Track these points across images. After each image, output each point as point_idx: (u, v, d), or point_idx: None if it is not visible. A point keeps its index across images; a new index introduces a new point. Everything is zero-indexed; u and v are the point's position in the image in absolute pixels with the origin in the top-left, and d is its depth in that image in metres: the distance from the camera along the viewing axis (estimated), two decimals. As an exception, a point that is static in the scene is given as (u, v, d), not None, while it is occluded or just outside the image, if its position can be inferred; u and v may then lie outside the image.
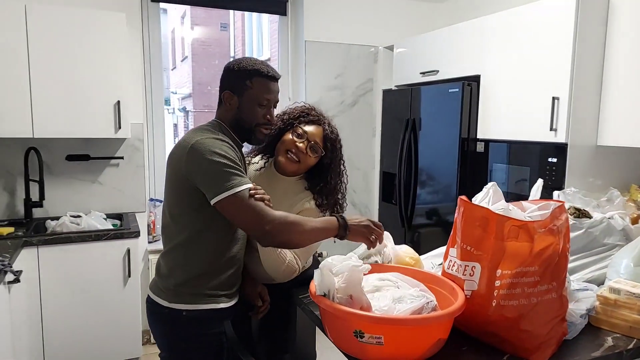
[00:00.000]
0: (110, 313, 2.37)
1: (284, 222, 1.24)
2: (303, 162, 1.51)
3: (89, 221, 2.44)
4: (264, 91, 1.36)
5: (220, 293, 1.37)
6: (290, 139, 1.50)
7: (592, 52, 2.04)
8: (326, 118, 1.59)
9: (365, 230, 1.34)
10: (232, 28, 11.55)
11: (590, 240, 1.53)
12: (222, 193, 1.22)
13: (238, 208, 1.23)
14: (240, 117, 1.38)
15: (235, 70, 1.37)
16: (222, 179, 1.23)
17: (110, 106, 2.45)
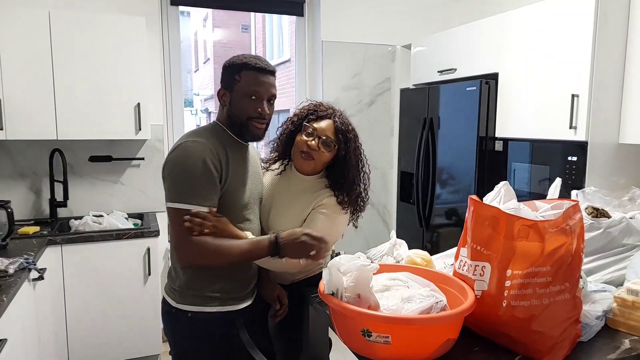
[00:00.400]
0: (131, 310, 2.43)
1: (208, 249, 1.24)
2: (317, 159, 1.50)
3: (110, 220, 2.52)
4: (253, 83, 1.33)
5: (227, 296, 1.37)
6: (301, 139, 1.50)
7: (612, 47, 1.98)
8: (336, 111, 1.55)
9: (299, 247, 1.27)
10: (253, 29, 11.65)
11: (609, 240, 1.49)
12: (173, 202, 1.25)
13: (175, 223, 1.25)
14: (232, 113, 1.36)
15: (226, 67, 1.37)
16: (182, 190, 1.25)
17: (130, 108, 2.52)
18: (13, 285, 1.64)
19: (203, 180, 1.26)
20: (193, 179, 1.25)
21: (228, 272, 1.37)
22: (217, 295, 1.36)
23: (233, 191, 1.35)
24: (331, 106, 1.57)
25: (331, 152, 1.50)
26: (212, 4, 3.20)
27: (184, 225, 1.23)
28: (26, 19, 2.31)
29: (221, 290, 1.37)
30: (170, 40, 2.96)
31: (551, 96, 2.15)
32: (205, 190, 1.26)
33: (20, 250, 2.03)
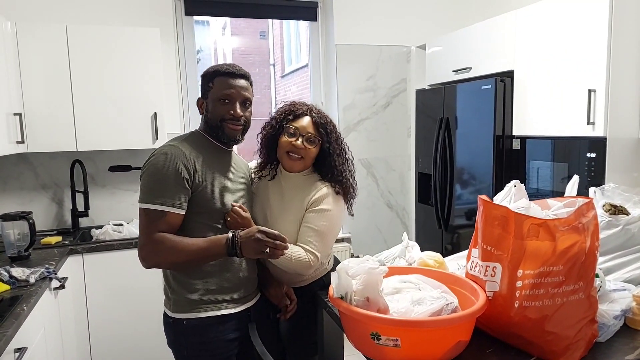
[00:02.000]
0: (152, 318, 2.44)
1: (164, 246, 1.28)
2: (306, 156, 1.54)
3: (130, 229, 2.58)
4: (224, 87, 1.38)
5: (220, 299, 1.38)
6: (285, 140, 1.54)
7: (628, 40, 1.92)
8: (310, 106, 1.60)
9: (255, 244, 1.28)
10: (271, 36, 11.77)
11: (628, 238, 1.44)
12: (142, 202, 1.31)
13: (141, 222, 1.32)
14: (208, 118, 1.42)
15: (202, 77, 1.44)
16: (151, 191, 1.30)
17: (147, 118, 2.59)
18: (34, 294, 1.69)
19: (171, 182, 1.30)
20: (161, 180, 1.29)
21: (213, 272, 1.38)
22: (210, 299, 1.37)
23: (211, 192, 1.38)
24: (305, 103, 1.62)
25: (316, 146, 1.55)
26: (226, 12, 3.25)
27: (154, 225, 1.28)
28: (45, 34, 2.40)
29: (213, 292, 1.38)
30: (185, 50, 3.02)
31: (568, 92, 2.10)
32: (171, 192, 1.30)
33: (42, 260, 2.09)
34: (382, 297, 1.15)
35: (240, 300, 1.44)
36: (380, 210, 3.40)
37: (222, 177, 1.44)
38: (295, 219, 1.52)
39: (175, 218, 1.32)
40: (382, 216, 3.41)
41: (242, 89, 1.41)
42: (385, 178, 3.40)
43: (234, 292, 1.42)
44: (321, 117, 1.57)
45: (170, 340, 1.44)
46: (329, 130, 1.56)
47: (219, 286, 1.39)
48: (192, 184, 1.34)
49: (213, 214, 1.39)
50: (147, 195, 1.31)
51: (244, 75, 1.42)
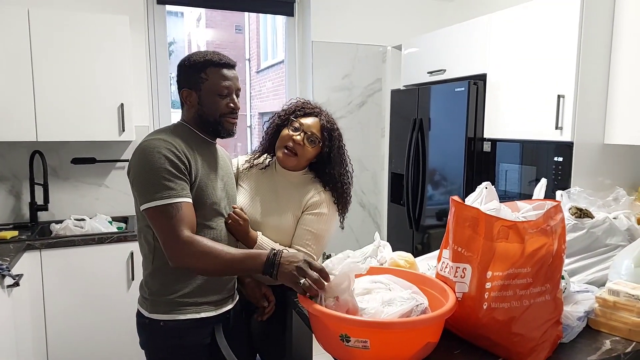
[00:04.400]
0: (114, 316, 2.38)
1: (197, 249, 1.19)
2: (301, 154, 1.51)
3: (92, 224, 2.48)
4: (221, 80, 1.31)
5: (200, 301, 1.33)
6: (286, 133, 1.52)
7: (598, 48, 1.98)
8: (323, 110, 1.58)
9: (295, 271, 1.15)
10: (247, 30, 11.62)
11: (593, 240, 1.48)
12: (148, 202, 1.20)
13: (158, 222, 1.21)
14: (203, 112, 1.33)
15: (187, 66, 1.33)
16: (153, 188, 1.20)
17: (113, 109, 2.49)
18: (-16, 291, 1.59)
19: (170, 174, 1.22)
20: (160, 174, 1.21)
21: (193, 274, 1.32)
22: (190, 301, 1.31)
23: (204, 188, 1.32)
24: (318, 105, 1.60)
25: (315, 148, 1.53)
26: (200, 3, 3.17)
27: (177, 218, 1.19)
28: (4, 16, 2.26)
29: (194, 295, 1.32)
30: (156, 40, 2.93)
31: (538, 97, 2.15)
32: (175, 183, 1.22)
33: (-4, 256, 1.98)
34: (352, 297, 1.13)
35: (220, 302, 1.39)
36: (352, 209, 3.34)
37: (213, 172, 1.37)
38: (292, 216, 1.52)
39: (190, 208, 1.24)
40: (354, 215, 3.41)
41: (236, 79, 1.35)
42: (358, 177, 3.40)
43: (216, 294, 1.37)
44: (330, 122, 1.55)
45: (144, 341, 1.37)
46: (333, 137, 1.53)
47: (202, 288, 1.33)
48: (190, 179, 1.27)
49: (206, 211, 1.32)
50: (152, 193, 1.20)
51: (235, 65, 1.36)
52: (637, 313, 1.17)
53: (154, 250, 1.30)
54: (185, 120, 1.37)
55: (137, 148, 1.26)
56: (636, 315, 1.17)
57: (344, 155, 1.58)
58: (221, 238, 1.37)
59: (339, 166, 1.56)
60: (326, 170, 1.55)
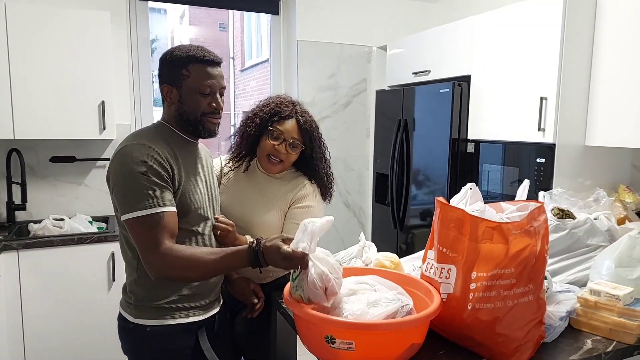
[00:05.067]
0: (95, 318, 2.33)
1: (176, 259, 1.14)
2: (286, 160, 1.54)
3: (72, 224, 2.42)
4: (204, 78, 1.23)
5: (189, 306, 1.29)
6: (268, 143, 1.52)
7: (579, 51, 2.01)
8: (298, 106, 1.57)
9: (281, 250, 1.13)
10: (231, 28, 11.52)
11: (574, 241, 1.50)
12: (129, 212, 1.14)
13: (137, 233, 1.15)
14: (184, 110, 1.26)
15: (168, 61, 1.25)
16: (134, 198, 1.14)
17: (94, 107, 2.43)
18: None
19: (152, 182, 1.16)
20: (141, 182, 1.15)
21: None
22: (179, 306, 1.28)
23: (188, 194, 1.27)
24: (291, 101, 1.59)
25: (298, 152, 1.56)
26: (183, 0, 3.12)
27: (157, 229, 1.13)
28: (-21, 11, 2.19)
29: (183, 299, 1.28)
30: (138, 37, 2.87)
31: (521, 99, 2.17)
32: (157, 192, 1.17)
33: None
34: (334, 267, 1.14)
35: (208, 306, 1.35)
36: (337, 209, 3.40)
37: (195, 174, 1.32)
38: (279, 211, 1.54)
39: (173, 217, 1.19)
40: (339, 215, 3.41)
41: (220, 77, 1.28)
42: (343, 177, 3.40)
43: (204, 298, 1.33)
44: (307, 121, 1.55)
45: (127, 346, 1.32)
46: (313, 136, 1.55)
47: (190, 293, 1.29)
48: (174, 185, 1.22)
49: (191, 217, 1.28)
50: (133, 204, 1.14)
51: (220, 62, 1.28)
52: (617, 313, 1.19)
53: (139, 257, 1.24)
54: (166, 119, 1.31)
55: (117, 154, 1.20)
56: (617, 315, 1.19)
57: (323, 148, 1.61)
58: (210, 243, 1.35)
59: (320, 161, 1.60)
60: (309, 165, 1.58)
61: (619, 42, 1.92)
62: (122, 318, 1.31)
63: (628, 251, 1.30)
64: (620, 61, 1.91)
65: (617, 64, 1.93)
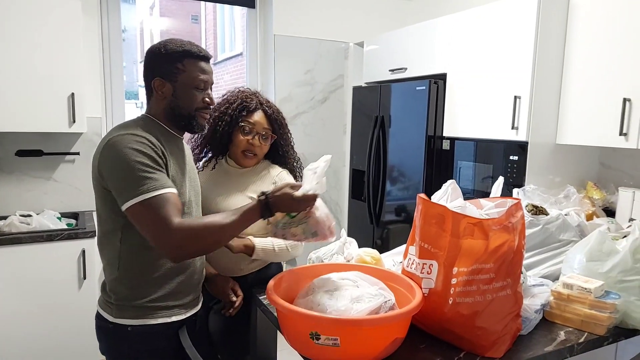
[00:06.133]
0: (65, 317, 2.25)
1: (193, 231, 1.12)
2: (260, 152, 1.60)
3: (40, 221, 2.32)
4: (199, 72, 1.24)
5: (172, 304, 1.27)
6: (242, 139, 1.56)
7: (552, 52, 2.07)
8: (258, 96, 1.63)
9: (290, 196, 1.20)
10: (204, 21, 11.30)
11: (547, 236, 1.56)
12: (132, 199, 1.10)
13: (144, 217, 1.11)
14: (177, 105, 1.25)
15: (163, 54, 1.23)
16: (134, 184, 1.11)
17: (63, 99, 2.33)
18: None
19: (149, 166, 1.13)
20: (138, 167, 1.12)
21: (168, 275, 1.26)
22: (162, 305, 1.25)
23: (177, 188, 1.23)
24: (253, 92, 1.63)
25: (269, 141, 1.61)
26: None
27: (165, 208, 1.10)
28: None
29: (165, 298, 1.25)
30: (110, 28, 2.78)
31: (495, 97, 2.22)
32: (157, 174, 1.14)
33: None
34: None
35: (189, 304, 1.33)
36: (314, 205, 3.40)
37: (182, 170, 1.30)
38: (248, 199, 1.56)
39: (177, 198, 1.16)
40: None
41: (211, 73, 1.30)
42: (320, 173, 3.39)
43: (186, 296, 1.31)
44: (273, 110, 1.61)
45: (106, 347, 1.28)
46: (281, 124, 1.63)
47: (172, 290, 1.26)
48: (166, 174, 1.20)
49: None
50: (134, 189, 1.10)
51: (210, 58, 1.29)
52: (588, 305, 1.24)
53: (121, 254, 1.21)
54: (152, 113, 1.28)
55: (106, 146, 1.16)
56: (588, 307, 1.24)
57: (289, 133, 1.68)
58: None
59: (289, 147, 1.68)
60: (279, 152, 1.66)
61: (589, 43, 1.99)
62: (100, 318, 1.27)
63: (598, 246, 1.35)
64: (590, 62, 1.99)
65: (587, 65, 2.00)
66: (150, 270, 1.23)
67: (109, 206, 1.19)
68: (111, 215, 1.20)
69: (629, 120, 1.82)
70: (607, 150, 2.24)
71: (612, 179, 2.18)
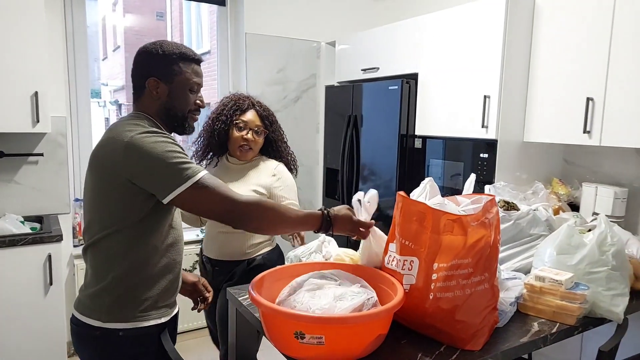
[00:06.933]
0: (31, 324, 2.16)
1: (260, 206, 1.20)
2: (255, 147, 1.80)
3: (2, 225, 2.21)
4: (194, 75, 1.28)
5: (160, 304, 1.25)
6: (237, 136, 1.77)
7: (519, 53, 2.15)
8: (252, 99, 1.85)
9: (352, 222, 1.30)
10: (169, 17, 11.04)
11: (518, 231, 1.61)
12: (180, 186, 1.12)
13: (203, 198, 1.15)
14: (172, 106, 1.27)
15: (160, 55, 1.24)
16: (176, 172, 1.13)
17: (26, 98, 2.23)
18: None
19: (181, 153, 1.17)
20: (175, 155, 1.14)
21: (160, 274, 1.25)
22: (153, 305, 1.23)
23: None
24: (246, 95, 1.86)
25: (262, 137, 1.82)
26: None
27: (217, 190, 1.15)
28: None
29: (155, 298, 1.24)
30: (75, 24, 2.68)
31: (466, 97, 2.28)
32: (190, 159, 1.18)
33: None
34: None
35: (173, 303, 1.33)
36: (287, 205, 3.39)
37: None
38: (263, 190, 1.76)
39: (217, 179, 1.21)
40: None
41: (202, 76, 1.34)
42: (295, 172, 3.39)
43: (172, 294, 1.31)
44: (263, 109, 1.84)
45: (91, 354, 1.23)
46: (272, 121, 1.84)
47: (162, 290, 1.25)
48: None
49: (173, 212, 1.28)
50: (178, 177, 1.13)
51: (202, 61, 1.33)
52: (559, 296, 1.30)
53: (115, 256, 1.18)
54: (146, 111, 1.26)
55: (129, 146, 1.13)
56: (559, 299, 1.30)
57: (281, 129, 1.90)
58: (181, 237, 1.34)
59: (282, 141, 1.89)
60: (273, 147, 1.86)
61: (554, 45, 2.07)
62: (83, 325, 1.21)
63: (567, 239, 1.41)
64: (554, 63, 2.07)
65: (552, 65, 2.09)
66: (146, 269, 1.22)
67: (123, 206, 1.17)
68: (122, 215, 1.17)
69: (592, 119, 1.91)
70: (570, 148, 2.35)
71: (576, 175, 2.29)
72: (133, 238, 1.19)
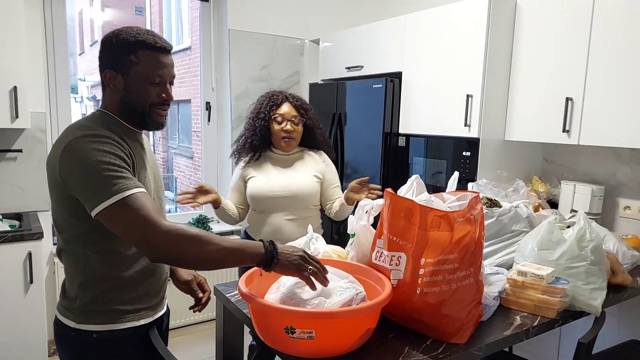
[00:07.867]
0: (11, 323, 2.11)
1: (180, 235, 1.02)
2: (296, 136, 1.95)
3: (-20, 223, 2.16)
4: (154, 66, 1.14)
5: (139, 307, 1.21)
6: (277, 129, 1.92)
7: (501, 53, 2.20)
8: (285, 92, 1.99)
9: (300, 262, 1.10)
10: (149, 12, 10.85)
11: (501, 227, 1.65)
12: (103, 202, 1.01)
13: (123, 218, 1.02)
14: (130, 100, 1.15)
15: (114, 44, 1.12)
16: (105, 185, 1.02)
17: (4, 93, 2.17)
18: None
19: (118, 166, 1.05)
20: (107, 168, 1.03)
21: (139, 277, 1.20)
22: (128, 308, 1.19)
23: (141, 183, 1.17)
24: (279, 90, 2.01)
25: (301, 125, 1.95)
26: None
27: (141, 212, 1.01)
28: None
29: (133, 301, 1.19)
30: (54, 18, 2.62)
31: (449, 96, 2.32)
32: (127, 174, 1.06)
33: None
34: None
35: (156, 306, 1.28)
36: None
37: (144, 165, 1.22)
38: (312, 177, 1.96)
39: (150, 197, 1.07)
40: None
41: (171, 66, 1.19)
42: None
43: (154, 297, 1.26)
44: (297, 99, 1.98)
45: (69, 355, 1.20)
46: (306, 109, 1.98)
47: (142, 293, 1.20)
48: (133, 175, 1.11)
49: None
50: (105, 191, 1.01)
51: (171, 49, 1.18)
52: (541, 290, 1.34)
53: (86, 258, 1.14)
54: (107, 108, 1.18)
55: (66, 149, 1.06)
56: (540, 293, 1.34)
57: (316, 117, 2.03)
58: None
59: (318, 127, 2.02)
60: (311, 136, 2.00)
61: (534, 45, 2.13)
62: (61, 325, 1.19)
63: (548, 235, 1.46)
64: (535, 63, 2.13)
65: (532, 65, 2.14)
66: (118, 274, 1.17)
67: (70, 212, 1.10)
68: (72, 222, 1.12)
69: (571, 118, 1.97)
70: (549, 147, 2.41)
71: (555, 173, 2.35)
72: (92, 244, 1.13)
